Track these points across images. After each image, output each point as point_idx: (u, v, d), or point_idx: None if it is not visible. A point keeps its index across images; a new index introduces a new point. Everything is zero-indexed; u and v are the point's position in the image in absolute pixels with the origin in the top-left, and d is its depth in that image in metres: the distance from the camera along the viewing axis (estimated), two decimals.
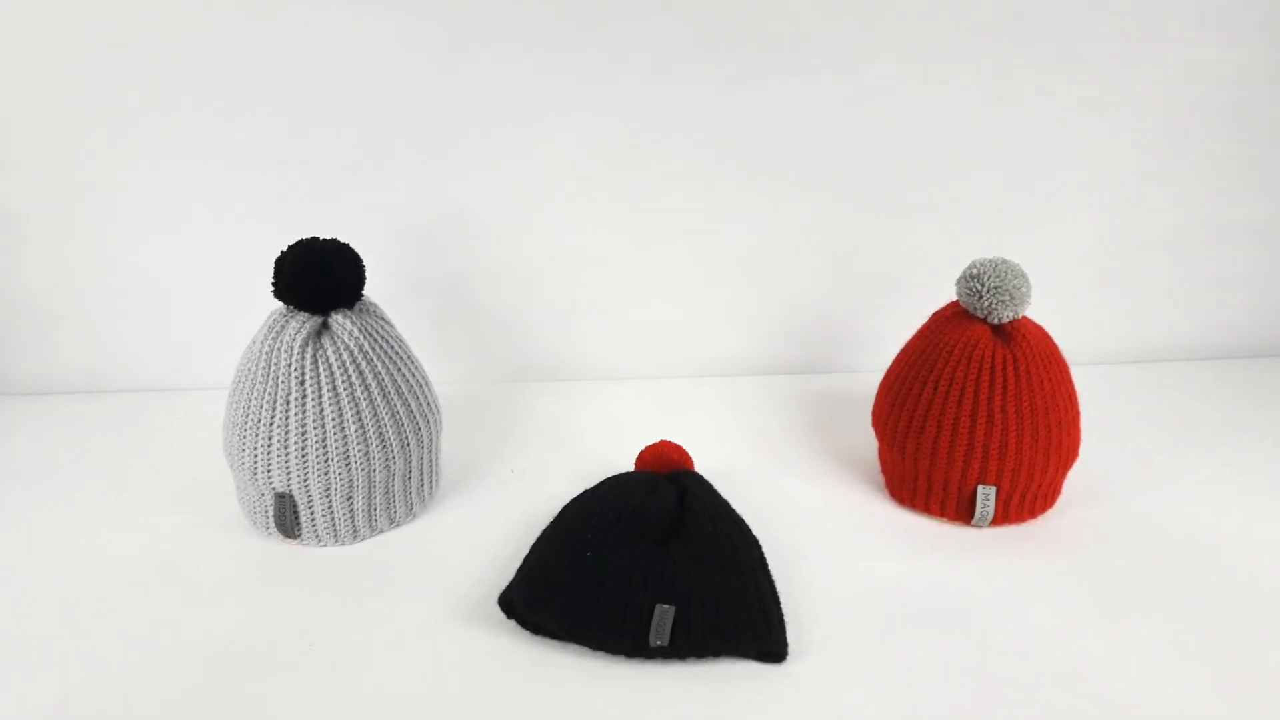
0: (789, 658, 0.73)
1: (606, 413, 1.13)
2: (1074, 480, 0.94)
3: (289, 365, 0.84)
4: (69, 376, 1.20)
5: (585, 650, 0.75)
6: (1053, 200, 1.12)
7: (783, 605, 0.77)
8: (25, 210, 1.10)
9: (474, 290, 1.16)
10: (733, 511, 0.85)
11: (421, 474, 0.92)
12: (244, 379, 0.87)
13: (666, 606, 0.75)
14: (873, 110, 1.07)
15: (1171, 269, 1.17)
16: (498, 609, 0.77)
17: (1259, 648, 0.73)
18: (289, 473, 0.84)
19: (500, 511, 0.93)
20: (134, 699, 0.70)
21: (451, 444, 1.02)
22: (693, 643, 0.73)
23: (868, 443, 1.02)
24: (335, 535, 0.88)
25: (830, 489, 0.97)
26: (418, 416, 0.90)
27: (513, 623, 0.77)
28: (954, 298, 0.92)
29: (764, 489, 0.92)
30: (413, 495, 0.92)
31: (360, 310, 0.88)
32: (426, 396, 0.92)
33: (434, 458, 0.95)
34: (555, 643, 0.75)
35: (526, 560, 0.81)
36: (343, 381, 0.85)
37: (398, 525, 0.91)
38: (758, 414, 1.12)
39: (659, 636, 0.73)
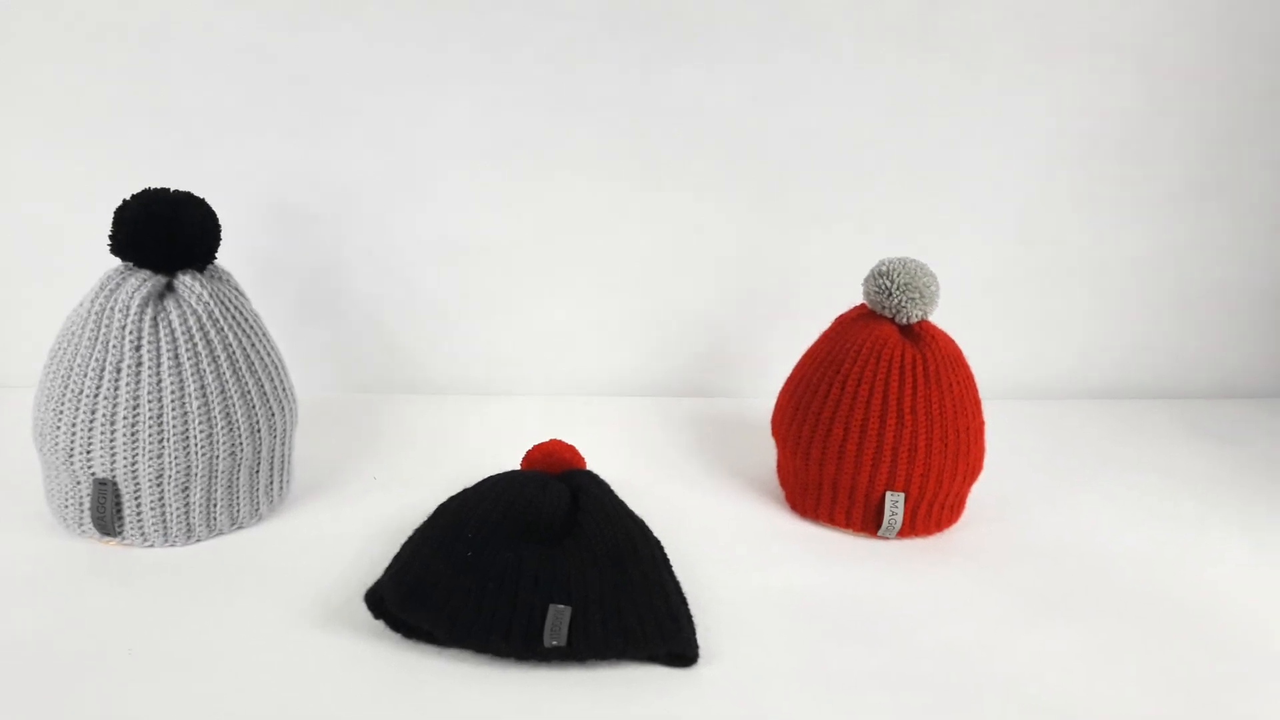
0: (699, 662, 0.65)
1: (485, 426, 1.03)
2: (973, 500, 0.90)
3: (123, 327, 0.72)
4: None
5: (468, 655, 0.64)
6: (951, 221, 1.11)
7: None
8: None
9: (339, 281, 1.06)
10: (631, 512, 0.77)
11: (271, 470, 0.81)
12: (66, 344, 0.74)
13: (561, 607, 0.66)
14: (780, 109, 1.04)
15: (1056, 302, 1.18)
16: (362, 611, 0.66)
17: (1168, 650, 0.70)
18: (114, 454, 0.72)
19: (361, 517, 0.82)
20: None
21: (305, 451, 0.91)
22: (593, 643, 0.64)
23: (765, 462, 0.96)
24: (165, 534, 0.75)
25: (730, 502, 0.90)
26: (271, 401, 0.78)
27: (381, 623, 0.66)
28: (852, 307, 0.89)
29: (660, 502, 0.84)
30: (259, 494, 0.80)
31: (211, 275, 0.77)
32: (282, 381, 0.81)
33: (286, 453, 0.83)
34: (432, 647, 0.65)
35: (397, 558, 0.70)
36: (186, 349, 0.73)
37: (240, 527, 0.79)
38: (650, 432, 1.04)
39: (554, 637, 0.64)
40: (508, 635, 0.64)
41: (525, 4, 0.98)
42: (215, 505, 0.76)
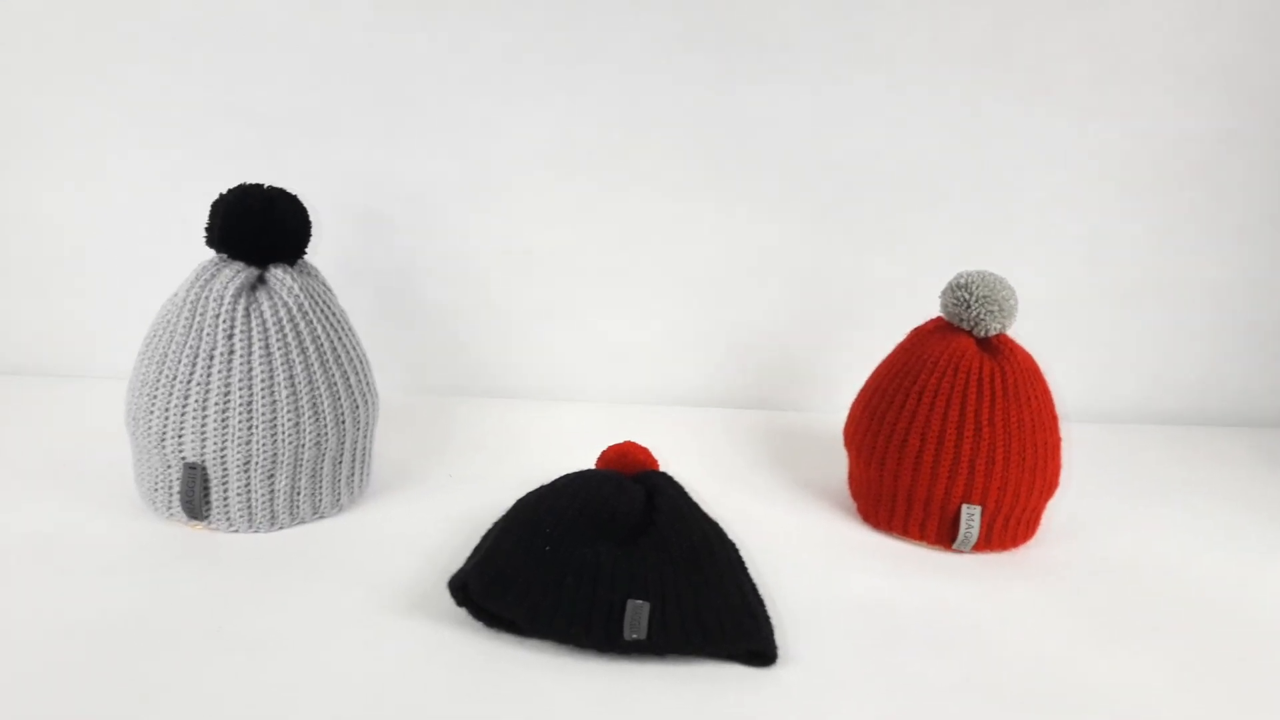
0: (776, 663, 0.65)
1: (555, 430, 1.04)
2: (1047, 519, 0.89)
3: (217, 316, 0.74)
4: None
5: (550, 645, 0.65)
6: (1021, 244, 1.11)
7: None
8: None
9: (414, 286, 1.08)
10: (706, 515, 0.77)
11: (353, 462, 0.82)
12: (160, 332, 0.76)
13: (640, 602, 0.66)
14: (850, 130, 1.05)
15: (1126, 328, 1.17)
16: (443, 599, 0.67)
17: (1247, 669, 0.69)
18: (204, 439, 0.73)
19: (438, 512, 0.83)
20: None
21: (380, 448, 0.92)
22: (672, 639, 0.64)
23: (836, 474, 0.96)
24: (250, 519, 0.76)
25: (800, 513, 0.90)
26: (355, 394, 0.80)
27: (464, 612, 0.66)
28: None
29: (730, 510, 0.83)
30: (341, 484, 0.81)
31: (301, 270, 0.79)
32: (366, 375, 0.82)
33: (367, 446, 0.84)
34: (514, 637, 0.65)
35: (478, 549, 0.71)
36: (277, 339, 0.75)
37: (322, 516, 0.80)
38: (716, 442, 1.04)
39: (634, 630, 0.64)
40: (588, 628, 0.64)
41: (602, 20, 1.00)
42: (299, 494, 0.78)
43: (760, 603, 0.69)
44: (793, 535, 0.85)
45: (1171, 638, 0.72)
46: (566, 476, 0.78)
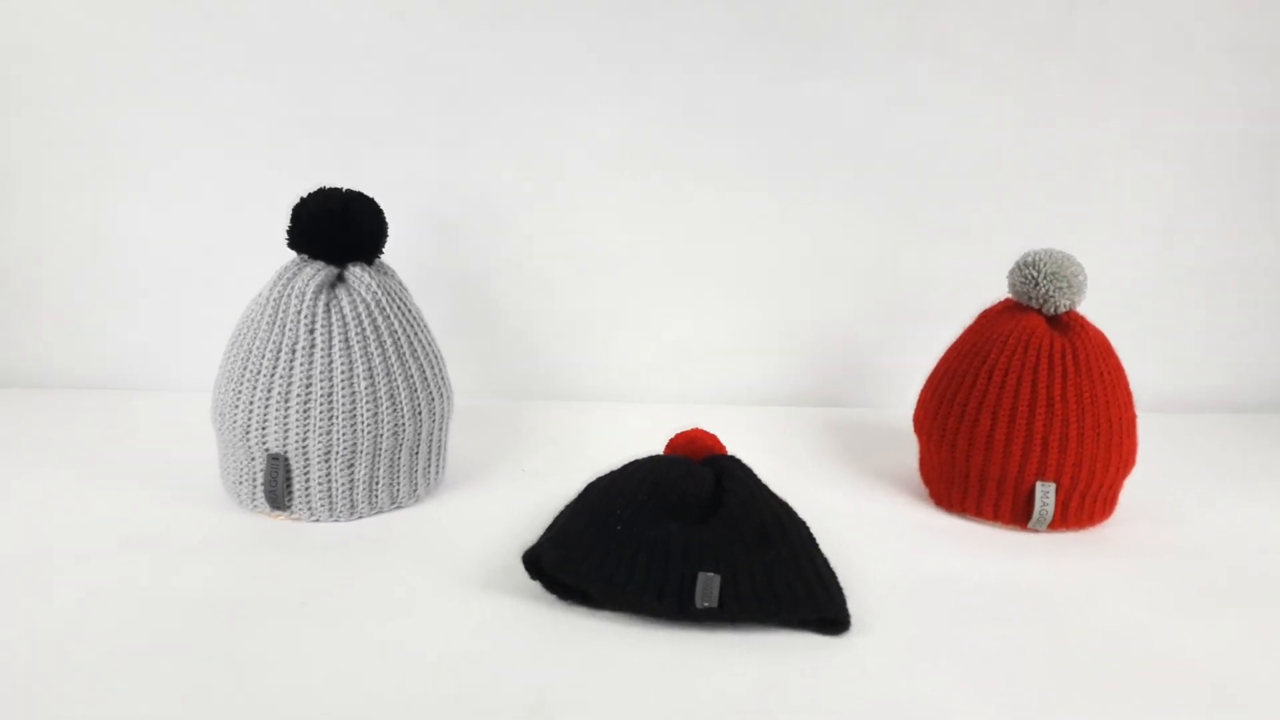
0: (849, 632, 0.65)
1: (626, 429, 1.05)
2: (1124, 500, 0.87)
3: (299, 312, 0.77)
4: (38, 368, 1.12)
5: (623, 616, 0.66)
6: (1090, 230, 1.10)
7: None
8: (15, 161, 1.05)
9: (485, 289, 1.11)
10: (776, 495, 0.77)
11: (429, 454, 0.84)
12: (246, 329, 0.79)
13: (711, 574, 0.67)
14: (911, 120, 1.06)
15: (1202, 315, 1.15)
16: (519, 577, 0.68)
17: None
18: (287, 430, 0.76)
19: (512, 502, 0.84)
20: (93, 650, 0.60)
21: (454, 447, 0.94)
22: (745, 606, 0.65)
23: (907, 463, 0.95)
24: (331, 508, 0.79)
25: (872, 499, 0.90)
26: (432, 386, 0.82)
27: (538, 585, 0.67)
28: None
29: (800, 497, 0.83)
30: (418, 475, 0.83)
31: (379, 269, 0.82)
32: (441, 370, 0.85)
33: (443, 439, 0.86)
34: (587, 609, 0.66)
35: (551, 526, 0.72)
36: (356, 333, 0.78)
37: (400, 506, 0.82)
38: (785, 438, 1.05)
39: (706, 599, 0.65)
40: (660, 596, 0.65)
41: (663, 17, 1.03)
42: (378, 483, 0.80)
43: (832, 574, 0.69)
44: (864, 518, 0.85)
45: (1260, 610, 0.70)
46: (635, 461, 0.79)
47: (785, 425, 1.09)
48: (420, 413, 0.81)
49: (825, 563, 0.70)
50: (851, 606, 0.66)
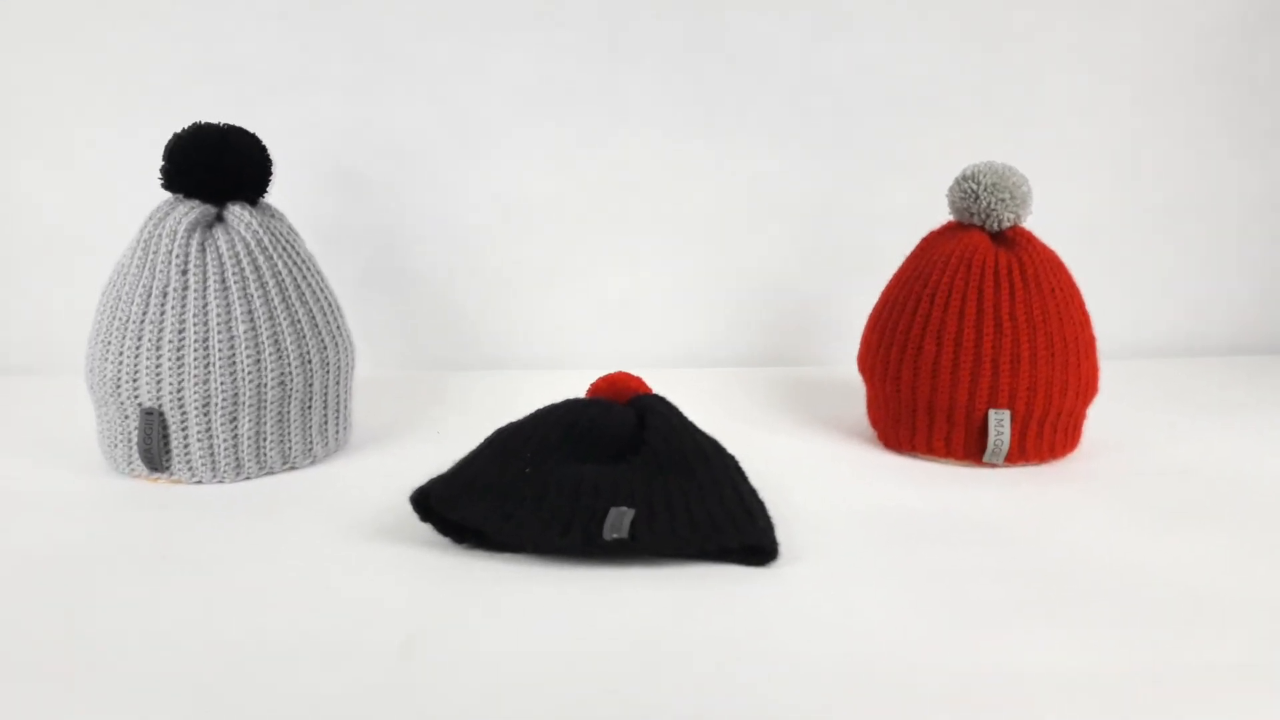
0: (778, 562, 0.58)
1: (556, 395, 0.98)
2: (1087, 437, 0.81)
3: (170, 252, 0.70)
4: None
5: (523, 557, 0.58)
6: (1041, 161, 1.03)
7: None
8: None
9: (397, 251, 1.04)
10: (702, 431, 0.71)
11: (326, 409, 0.77)
12: (116, 277, 0.72)
13: (624, 508, 0.60)
14: (843, 43, 1.00)
15: (1165, 249, 1.09)
16: (414, 527, 0.61)
17: None
18: (160, 381, 0.69)
19: (421, 464, 0.76)
20: None
21: (363, 419, 0.86)
22: (659, 536, 0.57)
23: (856, 414, 0.88)
24: (213, 468, 0.71)
25: (814, 443, 0.83)
26: (324, 334, 0.75)
27: (429, 530, 0.60)
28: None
29: (737, 443, 0.76)
30: (313, 432, 0.76)
31: (263, 210, 0.75)
32: (337, 319, 0.78)
33: (342, 396, 0.79)
34: (485, 552, 0.59)
35: (449, 470, 0.64)
36: (234, 274, 0.71)
37: (292, 467, 0.75)
38: (729, 400, 0.96)
39: (615, 531, 0.57)
40: (566, 531, 0.57)
41: None
42: (265, 439, 0.73)
43: (760, 504, 0.62)
44: (803, 459, 0.78)
45: (1237, 526, 0.64)
46: (548, 405, 0.72)
47: (728, 385, 1.02)
48: (310, 361, 0.74)
49: (752, 492, 0.63)
50: (781, 538, 0.59)
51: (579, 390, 1.00)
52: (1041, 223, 0.81)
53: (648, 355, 1.08)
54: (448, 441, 0.81)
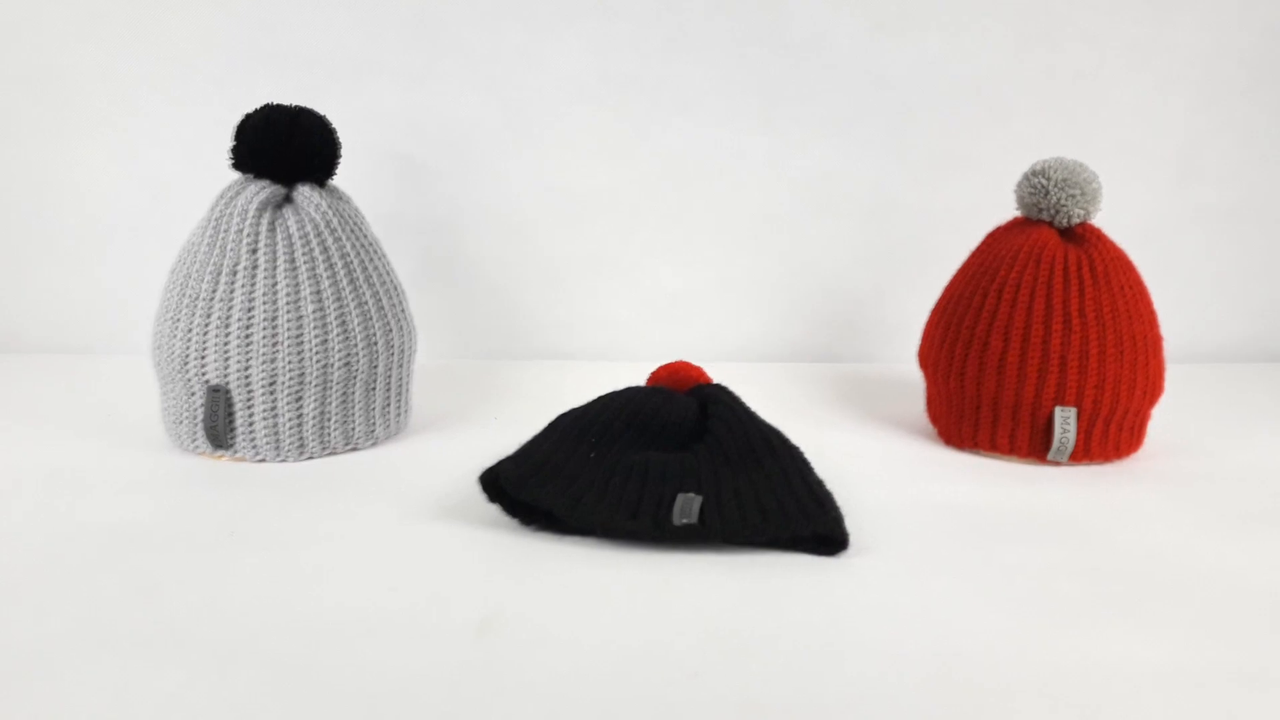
0: (847, 552, 0.57)
1: (608, 387, 0.98)
2: (1153, 436, 0.80)
3: (240, 231, 0.70)
4: None
5: (590, 540, 0.58)
6: (1101, 161, 1.02)
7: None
8: None
9: (454, 242, 1.04)
10: (765, 421, 0.70)
11: (389, 392, 0.77)
12: (185, 255, 0.73)
13: (691, 494, 0.59)
14: (903, 42, 0.99)
15: (1227, 253, 1.07)
16: (480, 508, 0.61)
17: None
18: (227, 359, 0.69)
19: (480, 447, 0.76)
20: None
21: (422, 404, 0.87)
22: (729, 523, 0.57)
23: (914, 410, 0.88)
24: (277, 446, 0.72)
25: (875, 439, 0.82)
26: (389, 317, 0.76)
27: (497, 510, 0.60)
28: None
29: (797, 438, 0.76)
30: (375, 414, 0.76)
31: (330, 191, 0.76)
32: (401, 303, 0.78)
33: (404, 379, 0.79)
34: (553, 534, 0.59)
35: (515, 452, 0.64)
36: (303, 254, 0.71)
37: (354, 447, 0.75)
38: (783, 391, 0.96)
39: (685, 516, 0.57)
40: (634, 515, 0.57)
41: None
42: (329, 420, 0.73)
43: (828, 493, 0.61)
44: (865, 455, 0.77)
45: None
46: (609, 393, 0.72)
47: (780, 379, 1.01)
48: (376, 343, 0.74)
49: (820, 482, 0.63)
50: (851, 530, 0.59)
51: (630, 381, 1.01)
52: (1101, 223, 0.80)
53: (700, 349, 1.07)
54: (505, 428, 0.82)
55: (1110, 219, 0.83)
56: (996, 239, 0.80)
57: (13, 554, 0.55)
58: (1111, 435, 0.74)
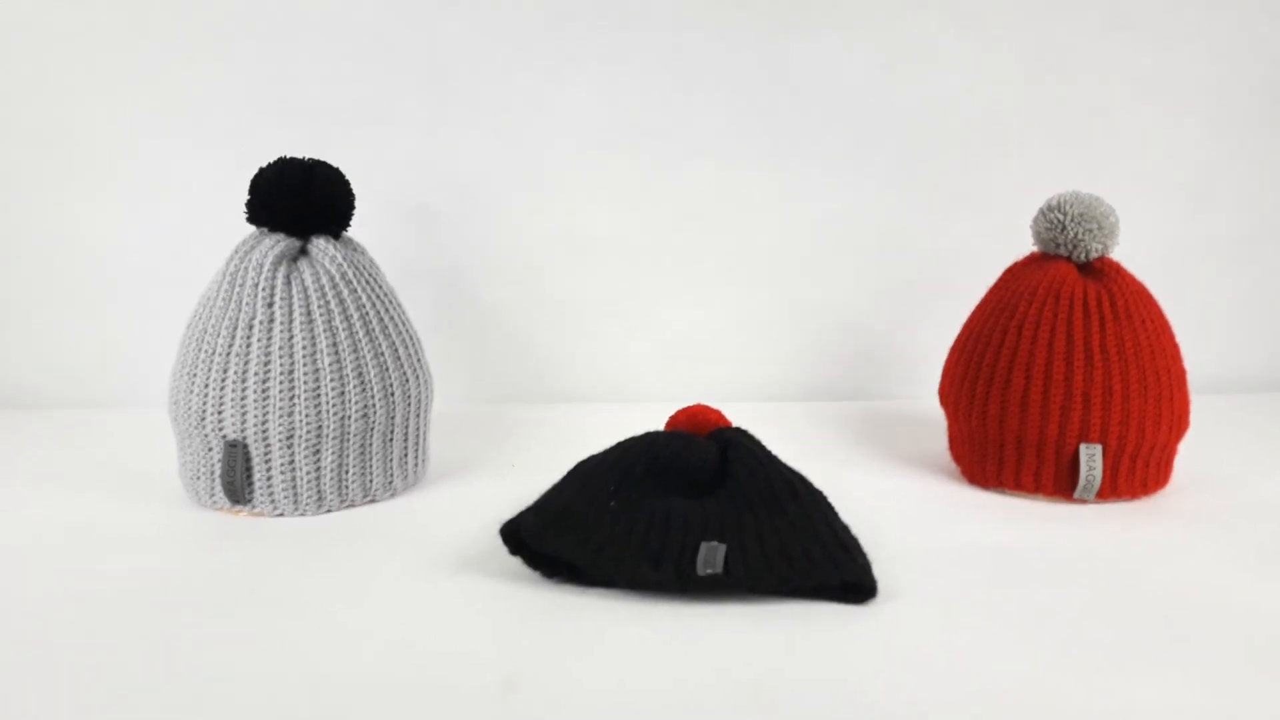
0: (876, 600, 0.56)
1: (625, 429, 0.97)
2: (1179, 471, 0.79)
3: (256, 285, 0.70)
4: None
5: (613, 592, 0.57)
6: (1113, 192, 1.01)
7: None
8: None
9: (467, 286, 1.04)
10: (788, 465, 0.69)
11: (406, 443, 0.77)
12: (202, 309, 0.73)
13: (715, 543, 0.59)
14: (914, 76, 0.99)
15: (1244, 281, 1.06)
16: (501, 559, 0.60)
17: None
18: (245, 413, 0.69)
19: (500, 497, 0.75)
20: (20, 641, 0.52)
21: (438, 450, 0.86)
22: (754, 573, 0.56)
23: (936, 449, 0.87)
24: (295, 500, 0.71)
25: (898, 479, 0.81)
26: (406, 367, 0.75)
27: (518, 562, 0.59)
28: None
29: (818, 480, 0.74)
30: (394, 466, 0.76)
31: (345, 243, 0.76)
32: (417, 352, 0.78)
33: (421, 429, 0.79)
34: (575, 586, 0.58)
35: (535, 502, 0.64)
36: (320, 307, 0.71)
37: (373, 500, 0.75)
38: (801, 432, 0.95)
39: (709, 567, 0.56)
40: (657, 565, 0.57)
41: None
42: (347, 473, 0.72)
43: (854, 539, 0.60)
44: (889, 496, 0.76)
45: None
46: (629, 439, 0.72)
47: (798, 419, 1.00)
48: (393, 394, 0.74)
49: (845, 528, 0.62)
50: (878, 575, 0.58)
51: (647, 424, 1.00)
52: (1117, 255, 0.79)
53: (717, 389, 1.06)
54: (523, 475, 0.81)
55: (1126, 250, 0.83)
56: (1015, 274, 0.79)
57: (29, 614, 0.55)
58: (1139, 471, 0.73)
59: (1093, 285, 0.74)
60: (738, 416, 0.85)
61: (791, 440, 0.90)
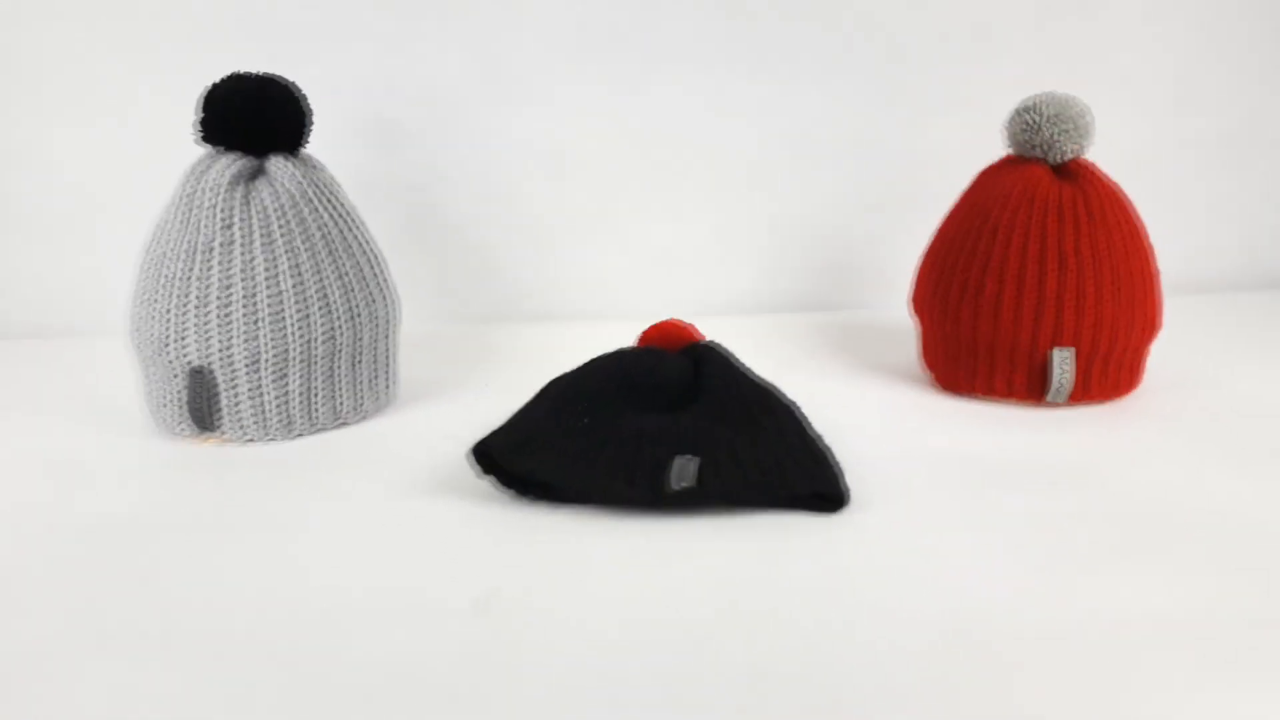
0: (849, 508, 0.56)
1: (601, 345, 0.96)
2: (1150, 373, 0.79)
3: (213, 206, 0.68)
4: None
5: (587, 509, 0.57)
6: (1095, 93, 1.00)
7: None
8: None
9: (437, 204, 1.01)
10: (760, 378, 0.69)
11: (375, 364, 0.76)
12: (158, 234, 0.71)
13: (689, 457, 0.58)
14: None
15: (1223, 181, 1.05)
16: (473, 481, 0.60)
17: None
18: (208, 339, 0.68)
19: (472, 418, 0.74)
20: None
21: (410, 374, 0.85)
22: (728, 485, 0.56)
23: (908, 357, 0.86)
24: (264, 425, 0.70)
25: (870, 388, 0.81)
26: (371, 287, 0.74)
27: (490, 483, 0.59)
28: None
29: (791, 390, 0.74)
30: (363, 388, 0.75)
31: (304, 160, 0.74)
32: (382, 271, 0.76)
33: (390, 350, 0.78)
34: (549, 504, 0.58)
35: (505, 423, 0.63)
36: (280, 227, 0.69)
37: (343, 423, 0.74)
38: (776, 344, 0.94)
39: (683, 480, 0.56)
40: (631, 481, 0.56)
41: None
42: (315, 395, 0.71)
43: (827, 449, 0.60)
44: (861, 404, 0.77)
45: None
46: (599, 356, 0.71)
47: (772, 332, 1.00)
48: (358, 315, 0.72)
49: (818, 439, 0.62)
50: (851, 484, 0.58)
51: (623, 341, 0.99)
52: (1093, 155, 0.78)
53: (691, 303, 1.05)
54: (496, 395, 0.80)
55: (1103, 150, 0.82)
56: (987, 179, 0.78)
57: None
58: (1110, 374, 0.73)
59: (1067, 188, 0.73)
60: (711, 329, 0.85)
61: (765, 352, 0.89)
